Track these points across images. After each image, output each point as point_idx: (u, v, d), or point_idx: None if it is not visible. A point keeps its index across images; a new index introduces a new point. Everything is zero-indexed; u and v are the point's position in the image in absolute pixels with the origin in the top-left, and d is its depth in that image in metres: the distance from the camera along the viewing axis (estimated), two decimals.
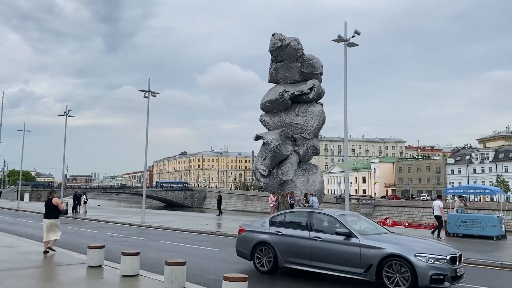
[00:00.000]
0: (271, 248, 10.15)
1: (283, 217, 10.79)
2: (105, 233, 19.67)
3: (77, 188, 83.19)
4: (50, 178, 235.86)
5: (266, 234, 10.44)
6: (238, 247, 11.23)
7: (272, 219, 10.90)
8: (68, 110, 33.04)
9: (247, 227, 11.31)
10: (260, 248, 10.41)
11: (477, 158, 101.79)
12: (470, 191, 20.26)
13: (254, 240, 10.57)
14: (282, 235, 10.14)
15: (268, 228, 10.56)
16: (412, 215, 76.31)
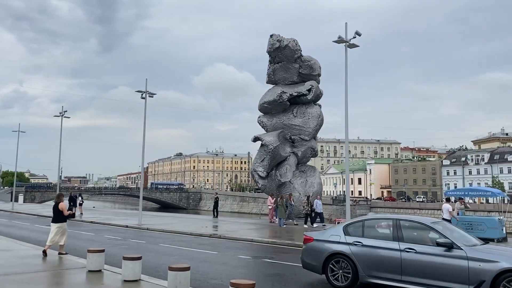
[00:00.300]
0: (349, 261, 8.99)
1: (360, 225, 9.60)
2: (102, 235, 19.41)
3: (72, 190, 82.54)
4: (44, 179, 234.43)
5: (341, 244, 9.26)
6: (305, 259, 10.00)
7: (347, 227, 9.65)
8: (64, 111, 32.72)
9: (315, 236, 10.09)
10: (335, 260, 9.22)
11: (473, 160, 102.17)
12: (471, 193, 20.17)
13: (327, 251, 9.37)
14: (363, 245, 8.99)
15: (343, 237, 9.40)
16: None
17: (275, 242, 17.09)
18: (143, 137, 25.76)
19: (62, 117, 32.78)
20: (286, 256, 13.61)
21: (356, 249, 9.05)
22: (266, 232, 21.64)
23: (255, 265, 12.35)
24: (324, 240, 9.67)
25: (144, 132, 25.78)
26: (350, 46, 17.05)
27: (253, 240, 17.80)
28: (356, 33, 16.73)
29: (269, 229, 22.89)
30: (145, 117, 25.98)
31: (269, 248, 15.80)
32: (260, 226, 24.28)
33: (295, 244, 16.39)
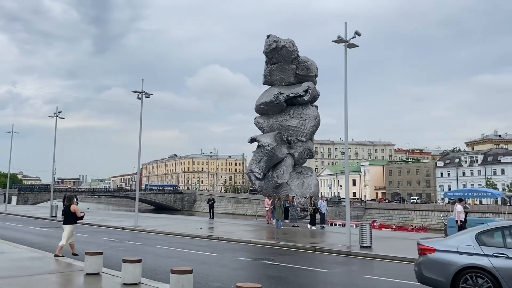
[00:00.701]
0: (490, 277, 7.57)
1: (500, 233, 8.09)
2: (98, 237, 19.13)
3: (66, 191, 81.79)
4: (37, 181, 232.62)
5: (476, 256, 7.86)
6: (425, 273, 8.39)
7: (480, 236, 8.17)
8: (59, 111, 32.31)
9: (437, 246, 8.51)
10: (468, 275, 7.80)
11: (466, 161, 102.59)
12: (471, 195, 20.11)
13: (457, 265, 7.93)
14: (508, 258, 7.59)
15: (477, 247, 7.98)
16: (403, 218, 76.51)
17: (274, 243, 16.89)
18: (139, 137, 25.50)
19: (57, 117, 32.37)
20: (286, 258, 13.43)
21: (499, 263, 7.62)
22: (264, 233, 21.43)
23: (256, 267, 12.15)
24: (451, 251, 8.20)
25: (140, 133, 25.52)
26: (350, 46, 16.91)
27: (251, 242, 17.60)
28: (356, 33, 16.59)
29: (266, 230, 22.69)
30: (141, 117, 25.74)
31: (268, 250, 15.61)
32: (257, 228, 24.09)
33: (294, 246, 16.22)
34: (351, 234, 16.06)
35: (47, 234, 20.82)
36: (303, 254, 14.67)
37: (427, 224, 71.27)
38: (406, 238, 19.62)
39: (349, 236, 16.11)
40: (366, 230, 15.52)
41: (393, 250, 15.07)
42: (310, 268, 11.69)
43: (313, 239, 18.95)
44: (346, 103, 16.86)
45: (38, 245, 15.98)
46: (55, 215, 31.36)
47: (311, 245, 16.10)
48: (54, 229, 23.01)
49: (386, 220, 71.97)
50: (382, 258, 13.79)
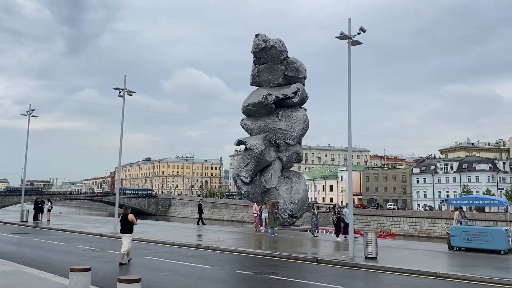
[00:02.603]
0: None
1: None
2: (76, 246, 17.44)
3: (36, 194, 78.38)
4: (5, 183, 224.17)
5: None
6: None
7: None
8: (32, 109, 30.21)
9: None
10: None
11: (442, 168, 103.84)
12: (476, 202, 19.41)
13: None
14: None
15: None
16: (381, 224, 76.43)
17: (270, 254, 15.63)
18: (120, 137, 23.86)
19: (30, 116, 30.28)
20: (290, 271, 12.22)
21: None
22: (256, 242, 20.16)
23: (262, 283, 10.84)
24: None
25: (121, 132, 23.89)
26: (353, 43, 15.94)
27: (245, 252, 16.30)
28: (361, 29, 15.64)
29: (257, 238, 21.40)
30: (123, 115, 24.10)
31: (265, 261, 14.33)
32: (246, 235, 22.77)
33: (293, 256, 15.01)
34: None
35: (18, 241, 18.95)
36: (306, 266, 13.46)
37: (405, 230, 71.44)
38: (405, 248, 18.67)
39: (352, 246, 15.03)
40: (371, 240, 14.46)
41: (399, 262, 14.05)
42: (322, 284, 10.50)
43: (311, 248, 17.77)
44: (349, 104, 15.83)
45: (9, 255, 14.26)
46: (25, 220, 29.21)
47: (313, 256, 14.92)
48: (25, 236, 21.14)
49: (364, 226, 71.65)
50: (391, 271, 12.73)
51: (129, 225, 13.19)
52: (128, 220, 13.15)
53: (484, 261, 14.37)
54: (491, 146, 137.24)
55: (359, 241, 18.48)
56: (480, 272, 11.91)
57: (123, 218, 13.25)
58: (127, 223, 13.15)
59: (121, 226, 13.26)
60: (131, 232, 13.23)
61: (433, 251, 17.19)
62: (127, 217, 13.18)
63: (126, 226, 13.17)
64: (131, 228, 13.24)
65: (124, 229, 13.15)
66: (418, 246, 20.14)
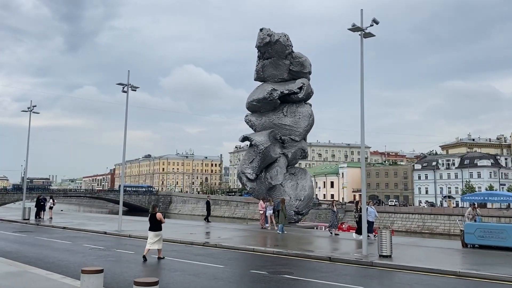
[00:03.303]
0: None
1: None
2: (81, 244, 17.01)
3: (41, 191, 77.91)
4: (5, 181, 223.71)
5: None
6: None
7: None
8: (33, 105, 29.76)
9: None
10: None
11: (444, 164, 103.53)
12: (491, 199, 18.98)
13: None
14: None
15: None
16: (384, 220, 76.11)
17: (281, 252, 15.22)
18: (124, 133, 23.44)
19: (31, 112, 29.82)
20: (304, 271, 11.81)
21: None
22: (264, 239, 19.78)
23: (279, 284, 10.42)
24: None
25: (125, 128, 23.46)
26: (366, 35, 15.49)
27: (255, 250, 15.89)
28: (373, 21, 15.18)
29: (264, 236, 21.03)
30: (127, 111, 23.64)
31: (277, 260, 13.93)
32: (253, 233, 22.36)
33: (305, 255, 14.62)
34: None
35: (21, 240, 18.54)
36: (320, 265, 13.05)
37: (407, 227, 71.16)
38: (417, 245, 18.29)
39: (365, 244, 14.63)
40: (386, 238, 14.06)
41: (416, 260, 13.65)
42: (340, 285, 10.10)
43: (321, 246, 17.35)
44: (362, 97, 15.38)
45: (14, 254, 13.85)
46: (27, 217, 28.80)
47: (325, 254, 14.51)
48: (28, 234, 20.74)
49: None
50: (408, 270, 12.32)
51: (157, 223, 13.64)
52: (156, 218, 13.59)
53: (502, 259, 13.97)
54: (492, 142, 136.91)
55: (372, 239, 18.16)
56: (503, 271, 11.52)
57: (152, 217, 13.65)
58: (156, 221, 13.60)
59: (150, 224, 13.71)
60: (160, 229, 13.68)
61: (446, 249, 16.81)
62: (155, 215, 13.62)
63: (154, 224, 13.61)
64: (160, 226, 13.68)
65: (152, 227, 13.59)
66: (430, 243, 19.74)
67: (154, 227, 13.64)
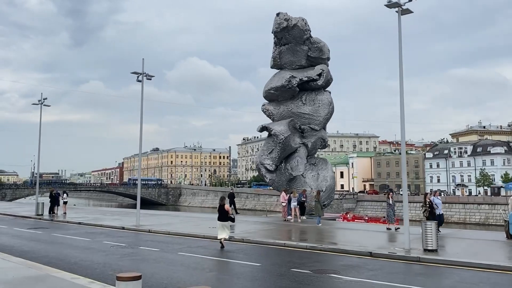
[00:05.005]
0: None
1: None
2: (100, 241, 16.09)
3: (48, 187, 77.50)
4: (15, 176, 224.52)
5: None
6: None
7: None
8: (44, 98, 28.84)
9: None
10: None
11: (456, 152, 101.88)
12: None
13: None
14: None
15: None
16: (397, 209, 74.80)
17: (315, 247, 14.22)
18: (140, 124, 22.48)
19: (42, 105, 28.93)
20: (351, 270, 10.75)
21: None
22: (290, 233, 18.81)
23: (329, 286, 9.41)
24: None
25: (141, 117, 22.52)
26: (404, 11, 14.33)
27: (286, 245, 14.90)
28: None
29: (288, 229, 20.06)
30: (142, 101, 22.66)
31: (313, 256, 12.92)
32: (276, 226, 21.35)
33: (342, 249, 13.61)
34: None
35: (37, 237, 17.67)
36: (363, 262, 12.02)
37: (421, 216, 69.95)
38: (457, 237, 17.21)
39: (408, 237, 13.56)
40: (431, 230, 13.00)
41: (465, 254, 12.61)
42: (398, 285, 9.07)
43: (356, 240, 16.26)
44: (401, 77, 14.22)
45: (32, 254, 12.96)
46: (41, 213, 28.02)
47: (365, 249, 13.47)
48: (44, 231, 19.89)
49: (379, 213, 70.28)
50: (461, 265, 11.24)
51: (223, 213, 14.47)
52: (224, 209, 14.48)
53: None
54: (504, 129, 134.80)
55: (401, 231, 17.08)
56: None
57: (220, 208, 14.62)
58: (224, 212, 14.46)
59: (219, 214, 14.61)
60: (224, 220, 14.46)
61: (491, 241, 15.73)
62: (224, 207, 14.53)
63: (222, 215, 14.46)
64: (225, 217, 14.46)
65: (221, 217, 14.46)
66: (471, 235, 18.66)
67: (221, 217, 14.46)
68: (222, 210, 14.59)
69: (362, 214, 65.70)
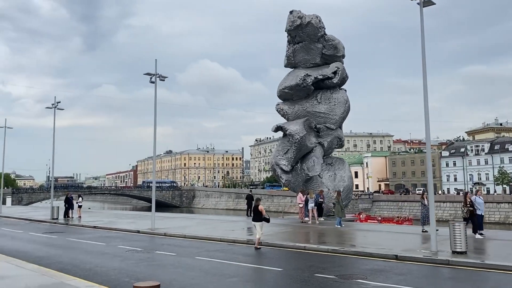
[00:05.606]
0: None
1: None
2: (115, 246, 15.76)
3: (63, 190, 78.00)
4: (31, 180, 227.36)
5: None
6: None
7: None
8: (57, 102, 28.75)
9: None
10: None
11: (472, 150, 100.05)
12: None
13: None
14: None
15: None
16: (413, 210, 73.80)
17: (337, 250, 13.68)
18: (154, 126, 22.21)
19: (55, 108, 28.85)
20: (378, 275, 10.19)
21: None
22: (311, 235, 18.29)
23: None
24: None
25: (155, 118, 22.25)
26: (426, 3, 13.76)
27: (306, 248, 14.39)
28: None
29: (307, 231, 19.51)
30: (156, 102, 22.36)
31: (335, 260, 12.40)
32: (294, 228, 20.84)
33: (365, 253, 13.03)
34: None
35: (52, 242, 17.41)
36: (389, 265, 11.46)
37: (439, 215, 68.66)
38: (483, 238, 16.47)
39: (435, 239, 12.95)
40: (460, 231, 12.37)
41: (500, 257, 11.94)
42: None
43: (379, 242, 15.66)
44: (424, 71, 13.63)
45: (46, 259, 12.65)
46: (56, 217, 27.90)
47: (391, 252, 12.88)
48: (59, 235, 19.65)
49: (396, 213, 69.28)
50: (497, 269, 10.59)
51: (257, 214, 14.79)
52: (259, 210, 14.73)
53: None
54: None
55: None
56: None
57: (255, 208, 14.98)
58: (258, 212, 14.71)
59: (253, 215, 15.05)
60: (259, 220, 14.69)
61: None
62: (258, 207, 14.79)
63: (257, 215, 14.77)
64: (259, 217, 14.71)
65: (255, 218, 14.81)
66: (498, 235, 17.89)
67: (255, 218, 14.80)
68: (257, 211, 14.85)
69: (377, 214, 64.97)
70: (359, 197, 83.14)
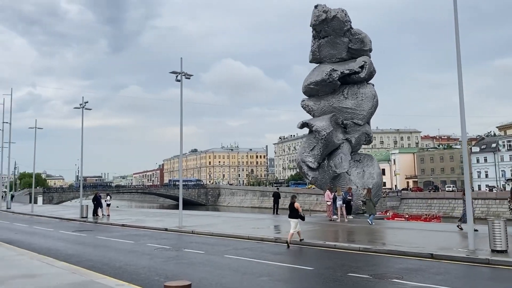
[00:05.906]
0: None
1: None
2: (144, 244, 15.76)
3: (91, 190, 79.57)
4: (61, 180, 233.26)
5: None
6: None
7: None
8: (85, 102, 29.16)
9: None
10: None
11: (504, 146, 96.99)
12: None
13: None
14: None
15: None
16: (443, 207, 72.12)
17: (368, 248, 13.27)
18: (180, 124, 22.18)
19: (83, 108, 29.27)
20: (414, 274, 9.75)
21: None
22: (340, 233, 17.91)
23: None
24: None
25: (181, 116, 22.23)
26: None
27: (336, 247, 14.02)
28: None
29: (336, 229, 19.13)
30: (182, 100, 22.32)
31: (368, 259, 12.01)
32: (322, 226, 20.46)
33: (399, 251, 12.58)
34: None
35: (82, 241, 17.58)
36: (424, 264, 11.01)
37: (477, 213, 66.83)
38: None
39: (472, 237, 12.40)
40: (500, 229, 11.79)
41: None
42: None
43: (411, 240, 15.13)
44: (459, 66, 13.06)
45: (76, 257, 12.72)
46: (85, 216, 28.32)
47: (426, 251, 12.40)
48: (88, 234, 19.86)
49: (425, 210, 67.69)
50: None
51: (293, 211, 14.96)
52: (294, 207, 14.93)
53: None
54: None
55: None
56: None
57: (291, 205, 15.11)
58: (295, 209, 14.92)
59: (289, 211, 15.15)
60: (296, 217, 14.89)
61: None
62: (294, 204, 14.99)
63: (293, 212, 14.96)
64: (296, 214, 14.92)
65: (291, 215, 14.98)
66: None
67: (292, 215, 14.93)
68: (293, 208, 14.97)
69: (405, 212, 63.66)
70: (387, 195, 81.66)
